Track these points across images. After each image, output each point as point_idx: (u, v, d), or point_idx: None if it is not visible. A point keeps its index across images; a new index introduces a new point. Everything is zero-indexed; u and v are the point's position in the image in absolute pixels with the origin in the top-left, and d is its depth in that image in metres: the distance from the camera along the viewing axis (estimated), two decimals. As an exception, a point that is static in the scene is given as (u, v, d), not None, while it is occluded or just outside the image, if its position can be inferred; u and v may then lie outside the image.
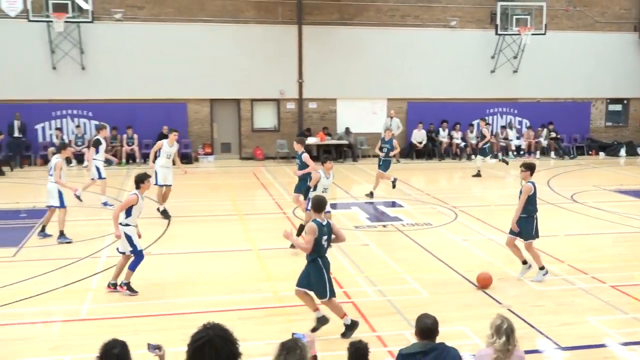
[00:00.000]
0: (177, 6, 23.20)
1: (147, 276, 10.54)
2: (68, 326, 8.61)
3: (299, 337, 5.16)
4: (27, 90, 22.41)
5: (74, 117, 23.03)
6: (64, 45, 22.41)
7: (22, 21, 21.78)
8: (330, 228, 8.05)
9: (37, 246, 12.34)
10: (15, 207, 15.91)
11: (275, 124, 24.86)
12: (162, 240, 12.80)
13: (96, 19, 22.11)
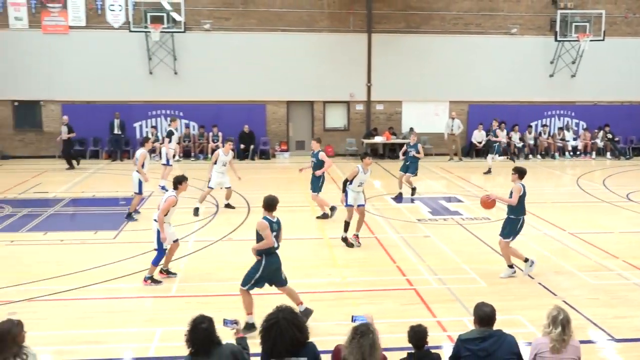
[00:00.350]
0: (259, 17, 23.51)
1: (229, 259, 10.76)
2: (160, 301, 8.88)
3: (360, 320, 5.13)
4: (126, 92, 23.24)
5: (167, 117, 23.70)
6: (160, 53, 23.10)
7: (124, 32, 22.61)
8: (279, 225, 7.78)
9: (134, 230, 12.78)
10: (115, 195, 16.53)
11: (345, 124, 24.86)
12: (242, 228, 13.02)
13: (188, 29, 22.68)
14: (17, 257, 10.98)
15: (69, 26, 22.76)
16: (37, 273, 9.90)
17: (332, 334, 7.10)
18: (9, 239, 12.09)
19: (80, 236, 12.22)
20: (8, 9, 22.51)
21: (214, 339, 4.74)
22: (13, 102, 23.23)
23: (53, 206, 15.11)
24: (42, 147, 23.36)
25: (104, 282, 9.58)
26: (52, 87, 22.99)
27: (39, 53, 22.74)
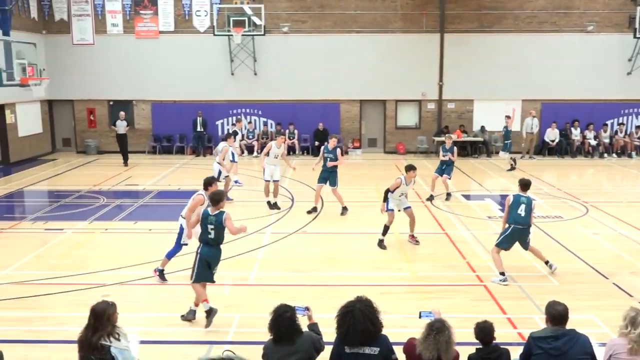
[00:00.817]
0: (334, 20, 23.51)
1: (303, 251, 10.83)
2: (238, 289, 9.05)
3: (427, 316, 5.02)
4: (209, 92, 23.83)
5: (247, 115, 24.13)
6: (241, 55, 23.54)
7: (209, 35, 23.18)
8: (218, 220, 7.62)
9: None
10: (198, 188, 16.93)
11: (416, 122, 24.49)
12: (316, 221, 13.07)
13: (267, 32, 22.98)
14: (110, 244, 11.49)
15: (159, 31, 23.57)
16: (128, 259, 10.32)
17: (403, 326, 7.01)
18: (103, 227, 12.66)
19: (167, 226, 12.61)
20: (106, 16, 23.57)
21: (297, 328, 4.74)
22: (109, 101, 24.32)
23: (142, 198, 15.70)
24: (133, 143, 24.25)
25: (187, 269, 9.83)
26: (143, 87, 23.90)
27: (132, 56, 23.69)
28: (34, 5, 23.01)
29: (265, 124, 24.10)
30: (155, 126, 24.19)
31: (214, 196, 7.91)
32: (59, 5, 23.58)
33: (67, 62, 23.65)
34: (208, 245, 7.78)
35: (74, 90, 23.95)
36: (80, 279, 9.43)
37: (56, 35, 23.64)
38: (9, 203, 15.65)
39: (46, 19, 23.64)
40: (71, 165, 21.08)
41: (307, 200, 15.00)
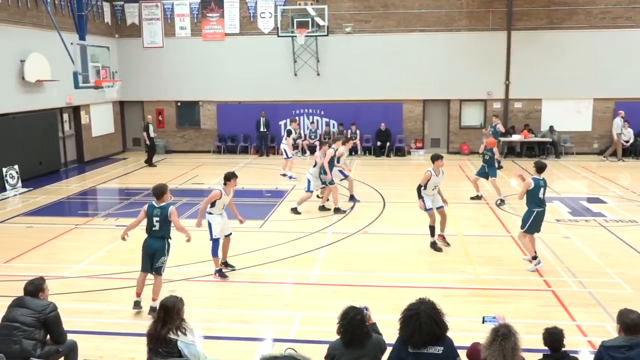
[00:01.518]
0: (398, 19, 23.32)
1: (365, 251, 10.79)
2: (299, 288, 9.12)
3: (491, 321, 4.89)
4: (273, 92, 24.13)
5: (309, 115, 24.30)
6: (304, 56, 23.72)
7: (273, 37, 23.49)
8: (164, 213, 7.90)
9: (278, 220, 13.24)
10: (261, 187, 17.25)
11: (481, 122, 23.94)
12: (378, 222, 13.00)
13: (330, 33, 23.05)
14: (176, 241, 11.80)
15: (224, 33, 24.08)
16: (193, 256, 10.58)
17: (466, 330, 6.87)
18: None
19: (230, 224, 12.81)
20: (175, 19, 24.30)
21: (367, 331, 4.71)
22: (176, 102, 25.06)
23: (207, 196, 16.03)
24: (200, 143, 24.97)
25: (250, 267, 10.01)
26: (209, 88, 24.48)
27: (199, 58, 24.30)
28: (107, 11, 24.00)
29: (327, 124, 24.19)
30: (220, 126, 24.73)
31: (156, 190, 8.10)
32: (130, 10, 24.50)
33: (138, 64, 24.54)
34: (152, 237, 8.08)
35: (144, 91, 24.82)
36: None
37: (128, 39, 24.57)
38: (83, 200, 16.38)
39: (118, 23, 24.61)
40: (141, 164, 21.84)
41: (369, 201, 14.97)
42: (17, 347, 5.45)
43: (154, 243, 8.07)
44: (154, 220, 8.00)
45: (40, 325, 5.61)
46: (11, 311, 5.66)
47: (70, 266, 10.16)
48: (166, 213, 7.96)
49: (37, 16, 19.08)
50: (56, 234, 12.26)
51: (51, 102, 19.87)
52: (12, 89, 17.94)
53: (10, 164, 17.59)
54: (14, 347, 5.45)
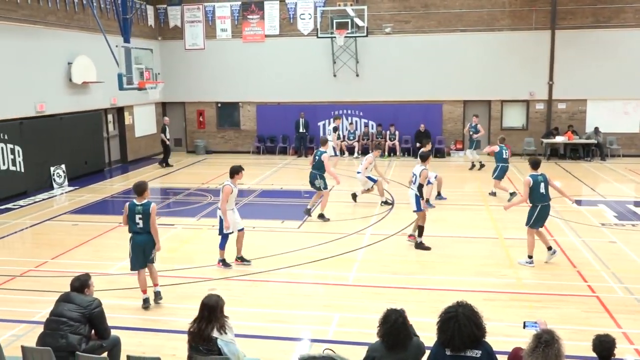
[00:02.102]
0: (438, 19, 23.10)
1: (404, 253, 10.73)
2: (337, 289, 9.11)
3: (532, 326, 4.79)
4: (312, 93, 24.21)
5: (348, 116, 24.28)
6: (343, 57, 23.72)
7: (312, 38, 23.57)
8: (146, 210, 8.18)
9: (316, 221, 13.27)
10: (299, 188, 17.31)
11: (523, 123, 23.50)
12: (417, 224, 12.89)
13: (370, 33, 22.98)
14: (216, 241, 11.95)
15: (265, 35, 24.29)
16: (232, 255, 10.69)
17: (506, 335, 6.76)
18: (210, 223, 13.21)
19: (269, 224, 12.99)
20: (216, 21, 24.64)
21: (409, 333, 4.69)
22: (217, 103, 25.40)
23: (247, 196, 16.24)
24: (239, 144, 25.25)
25: (288, 267, 10.07)
26: (249, 90, 24.73)
27: (239, 60, 24.58)
28: (151, 14, 24.52)
29: (366, 125, 24.13)
30: (260, 127, 24.94)
31: (137, 187, 8.38)
32: (173, 13, 24.97)
33: (180, 66, 24.98)
34: (138, 234, 8.33)
35: (185, 92, 25.25)
36: (188, 272, 9.92)
37: (170, 41, 25.04)
38: (126, 199, 16.74)
39: (161, 26, 25.10)
40: (182, 164, 22.22)
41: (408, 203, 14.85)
42: (63, 341, 5.62)
43: (142, 239, 8.36)
44: (136, 217, 8.30)
45: (85, 321, 5.77)
46: (58, 306, 5.84)
47: (114, 263, 10.41)
48: (148, 209, 8.26)
49: (84, 19, 19.63)
50: (100, 231, 12.58)
51: (96, 103, 20.42)
52: (60, 91, 18.52)
53: (58, 164, 18.14)
54: (61, 341, 5.61)
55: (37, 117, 17.41)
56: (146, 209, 8.25)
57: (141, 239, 8.34)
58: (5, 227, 13.26)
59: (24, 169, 16.62)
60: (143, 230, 8.30)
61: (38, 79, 17.43)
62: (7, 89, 16.23)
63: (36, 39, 17.26)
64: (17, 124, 16.42)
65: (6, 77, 16.18)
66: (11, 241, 12.19)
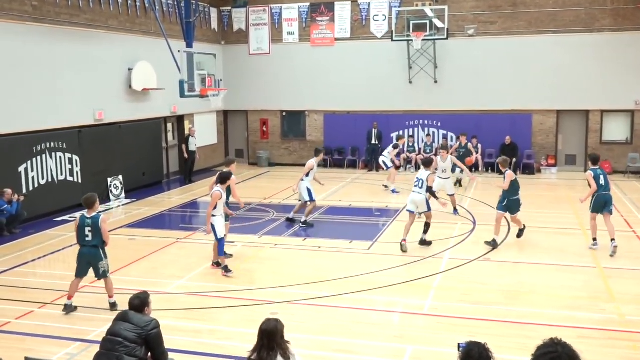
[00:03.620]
0: (528, 19, 22.64)
1: (486, 281, 10.51)
2: (410, 318, 9.01)
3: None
4: (385, 102, 24.22)
5: (424, 127, 24.12)
6: (420, 61, 23.63)
7: (386, 41, 23.63)
8: (95, 222, 8.95)
9: (387, 242, 13.21)
10: (370, 205, 17.30)
11: (627, 137, 22.55)
12: (501, 248, 12.60)
13: (450, 36, 22.80)
14: (279, 260, 12.15)
15: (334, 38, 24.57)
16: (296, 277, 10.81)
17: (605, 379, 6.48)
18: (272, 242, 13.43)
19: (336, 244, 13.04)
20: (282, 24, 25.15)
21: None
22: (281, 112, 25.85)
23: (313, 213, 16.34)
24: (305, 155, 25.46)
25: (356, 292, 10.06)
26: (316, 97, 25.04)
27: (306, 65, 24.96)
28: (214, 17, 25.32)
29: (444, 136, 23.87)
30: (327, 138, 25.16)
31: (86, 200, 9.19)
32: (238, 16, 25.69)
33: (243, 72, 25.62)
34: (85, 247, 9.11)
35: (248, 100, 25.85)
36: (248, 294, 10.09)
37: (234, 46, 25.75)
38: (184, 213, 17.28)
39: (225, 29, 25.86)
40: (243, 177, 22.67)
41: (491, 224, 14.57)
42: (118, 362, 5.83)
43: (90, 251, 9.13)
44: (86, 230, 9.07)
45: (142, 342, 5.96)
46: (115, 325, 6.07)
47: (171, 281, 10.74)
48: (97, 222, 9.02)
49: (146, 24, 20.52)
50: (158, 247, 13.02)
51: (156, 111, 21.24)
52: (119, 98, 19.39)
53: (115, 175, 18.94)
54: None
55: (95, 125, 18.28)
56: (96, 222, 9.02)
57: (86, 251, 9.15)
58: (61, 240, 13.95)
59: (81, 179, 17.46)
60: (91, 243, 9.09)
61: (98, 85, 18.33)
62: (67, 96, 17.15)
63: (97, 44, 18.18)
64: (75, 133, 17.29)
65: (66, 83, 17.10)
66: (67, 255, 12.80)
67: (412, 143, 23.87)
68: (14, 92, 15.42)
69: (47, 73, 16.44)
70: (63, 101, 17.00)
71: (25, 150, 15.66)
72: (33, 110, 15.99)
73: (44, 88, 16.33)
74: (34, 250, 13.21)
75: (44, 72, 16.31)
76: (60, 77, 16.88)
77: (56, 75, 16.74)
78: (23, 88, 15.68)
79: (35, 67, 16.03)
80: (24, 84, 15.70)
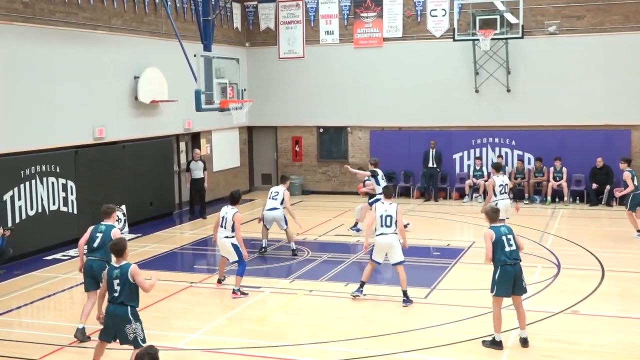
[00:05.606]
0: (624, 12, 22.46)
1: (576, 340, 10.34)
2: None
3: None
4: (445, 116, 24.18)
5: (494, 146, 23.96)
6: (489, 65, 23.57)
7: (447, 41, 23.69)
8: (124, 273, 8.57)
9: (448, 289, 13.11)
10: (427, 243, 17.20)
11: None
12: (594, 298, 12.39)
13: (527, 34, 22.70)
14: (315, 310, 12.13)
15: (383, 38, 24.72)
16: (337, 331, 10.78)
17: None
18: (307, 287, 13.44)
19: (387, 291, 12.97)
20: (319, 22, 25.40)
21: None
22: (318, 128, 26.01)
23: (356, 252, 16.36)
24: (346, 181, 25.58)
25: (411, 351, 9.97)
26: (360, 110, 25.15)
27: (348, 71, 25.14)
28: (237, 13, 25.73)
29: (520, 158, 23.64)
30: (374, 160, 25.14)
31: (115, 246, 8.87)
32: (265, 12, 26.05)
33: (272, 80, 25.95)
34: (112, 304, 8.69)
35: (278, 114, 26.14)
36: (277, 351, 10.09)
37: (260, 48, 26.16)
38: (198, 252, 17.43)
39: (250, 28, 26.26)
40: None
41: (580, 268, 14.36)
42: None
43: (117, 311, 8.66)
44: (114, 283, 8.64)
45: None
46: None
47: (184, 335, 10.81)
48: (127, 273, 8.60)
49: (156, 23, 20.99)
50: (168, 292, 13.14)
51: (167, 127, 21.62)
52: (123, 112, 19.79)
53: (117, 204, 19.15)
54: None
55: (95, 144, 18.65)
56: (124, 273, 8.61)
57: (113, 310, 8.68)
58: (52, 282, 14.19)
59: (76, 209, 17.78)
60: (118, 300, 8.64)
61: (98, 97, 18.70)
62: (61, 109, 17.48)
63: (97, 47, 18.61)
64: (71, 154, 17.67)
65: (60, 94, 17.46)
66: (59, 301, 13.00)
67: (479, 166, 23.74)
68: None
69: (38, 82, 16.81)
70: (56, 116, 17.35)
71: (11, 174, 15.91)
72: (21, 126, 16.31)
73: (34, 100, 16.68)
74: (19, 295, 13.43)
75: (34, 81, 16.69)
76: (53, 87, 17.24)
77: (49, 85, 17.11)
78: (9, 100, 16.01)
79: (24, 75, 16.41)
80: (10, 95, 16.03)
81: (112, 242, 9.28)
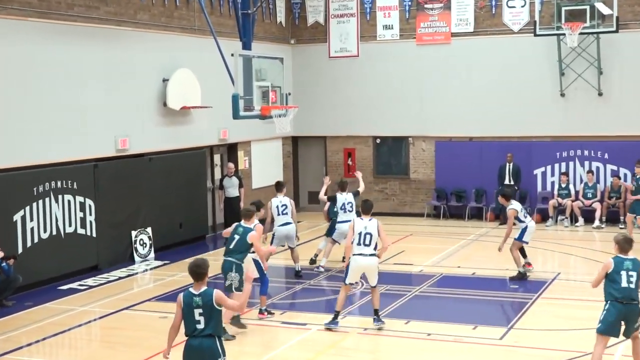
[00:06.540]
0: None
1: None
2: None
3: None
4: (525, 124, 23.93)
5: (583, 160, 23.59)
6: (577, 65, 23.25)
7: (527, 36, 23.46)
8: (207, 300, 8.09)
9: (526, 329, 12.91)
10: (503, 274, 16.95)
11: None
12: None
13: (622, 28, 22.36)
14: (371, 352, 12.08)
15: (451, 33, 24.60)
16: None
17: None
18: (361, 325, 13.35)
19: (454, 330, 12.82)
20: (376, 15, 25.39)
21: None
22: (374, 138, 25.96)
23: (419, 285, 16.22)
24: (408, 201, 25.49)
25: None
26: (423, 117, 25.04)
27: (410, 72, 25.07)
28: (281, 7, 25.87)
29: (614, 173, 23.23)
30: (440, 176, 25.02)
31: (195, 268, 8.31)
32: (313, 4, 26.12)
33: (321, 83, 26.05)
34: (195, 338, 8.15)
35: (327, 122, 26.19)
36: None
37: (308, 46, 26.28)
38: (236, 281, 17.44)
39: (296, 23, 26.39)
40: (317, 231, 22.63)
41: None
42: None
43: (202, 345, 8.15)
44: (195, 313, 8.17)
45: None
46: None
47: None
48: (211, 299, 8.16)
49: (188, 17, 21.23)
50: (199, 329, 13.17)
51: (199, 138, 21.78)
52: (150, 120, 20.01)
53: (142, 226, 19.39)
54: None
55: (117, 157, 18.88)
56: (208, 300, 8.19)
57: (197, 344, 8.20)
58: (68, 316, 14.34)
59: (95, 232, 17.98)
60: (204, 332, 8.18)
61: (121, 103, 18.92)
62: (80, 117, 17.70)
63: (121, 46, 18.87)
64: (90, 168, 17.91)
65: (79, 100, 17.66)
66: (75, 337, 13.14)
67: (565, 183, 23.40)
68: (8, 112, 15.94)
69: (53, 86, 17.03)
70: (74, 124, 17.55)
71: (22, 192, 16.10)
72: (34, 137, 16.53)
73: (49, 107, 16.89)
74: (30, 330, 13.57)
75: (48, 85, 16.91)
76: (70, 92, 17.45)
77: (65, 89, 17.32)
78: (20, 107, 16.22)
79: (37, 78, 16.64)
80: (21, 101, 16.25)
81: (194, 263, 8.48)
